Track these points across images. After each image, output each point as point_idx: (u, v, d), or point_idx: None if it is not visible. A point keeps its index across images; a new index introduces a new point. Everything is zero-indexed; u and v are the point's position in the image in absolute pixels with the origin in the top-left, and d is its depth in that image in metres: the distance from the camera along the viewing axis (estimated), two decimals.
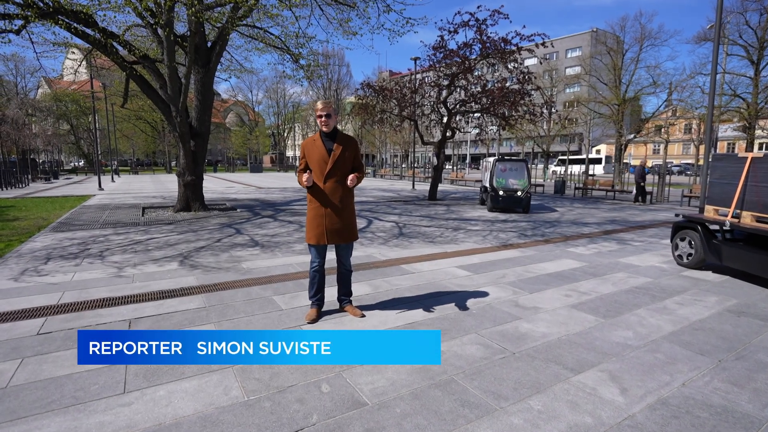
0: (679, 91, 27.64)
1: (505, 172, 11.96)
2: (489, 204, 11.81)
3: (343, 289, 3.91)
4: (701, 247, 5.62)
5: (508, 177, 11.91)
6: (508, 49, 13.28)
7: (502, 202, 11.50)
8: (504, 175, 11.95)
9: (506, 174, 11.97)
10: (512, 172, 12.00)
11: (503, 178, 11.88)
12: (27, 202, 14.15)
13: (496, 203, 11.58)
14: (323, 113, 3.52)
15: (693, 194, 14.69)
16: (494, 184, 11.66)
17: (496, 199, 11.54)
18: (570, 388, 2.68)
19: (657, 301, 4.41)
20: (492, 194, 11.60)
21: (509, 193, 11.38)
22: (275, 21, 10.84)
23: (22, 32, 10.22)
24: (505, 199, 11.44)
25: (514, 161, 12.61)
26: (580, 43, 58.62)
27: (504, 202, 11.49)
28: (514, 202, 11.47)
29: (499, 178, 11.83)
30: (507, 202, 11.48)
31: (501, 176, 11.90)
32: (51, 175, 30.93)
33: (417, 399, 2.53)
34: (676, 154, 56.11)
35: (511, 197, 11.39)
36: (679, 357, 3.13)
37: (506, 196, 11.40)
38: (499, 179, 11.80)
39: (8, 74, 45.15)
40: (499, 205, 11.57)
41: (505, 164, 12.27)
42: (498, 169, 11.95)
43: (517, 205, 11.48)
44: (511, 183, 11.79)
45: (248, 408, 2.41)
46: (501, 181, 11.81)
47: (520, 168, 12.20)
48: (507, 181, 11.87)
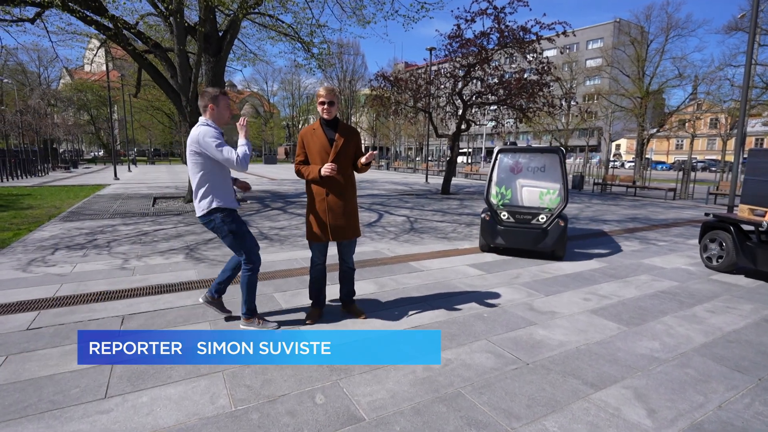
0: (707, 83, 26.49)
1: (517, 175, 6.25)
2: (482, 239, 6.10)
3: (346, 288, 3.69)
4: (733, 249, 5.22)
5: (521, 184, 6.22)
6: (528, 39, 12.77)
7: (506, 236, 5.80)
8: (513, 181, 6.23)
9: (519, 178, 6.24)
10: (531, 173, 6.21)
11: (510, 186, 6.21)
12: (43, 190, 14.33)
13: (492, 237, 5.90)
14: (326, 100, 3.28)
15: (720, 191, 14.03)
16: (491, 198, 6.18)
17: (493, 229, 5.87)
18: (590, 407, 2.41)
19: (685, 307, 4.08)
20: (486, 219, 5.95)
21: (521, 218, 5.80)
22: (287, 8, 10.59)
23: (37, 21, 10.26)
24: (512, 233, 5.78)
25: (534, 152, 6.40)
26: (601, 34, 56.86)
27: (510, 237, 5.79)
28: (529, 239, 5.72)
29: (503, 187, 6.20)
30: (516, 239, 5.78)
31: (507, 182, 6.24)
32: (71, 164, 31.54)
33: (419, 415, 2.29)
34: (700, 149, 54.24)
35: (526, 228, 5.76)
36: (714, 373, 2.82)
37: (515, 225, 5.81)
38: (501, 189, 6.20)
39: (30, 64, 46.07)
40: (498, 241, 5.86)
41: (517, 159, 6.28)
42: (502, 167, 6.32)
43: (536, 242, 5.69)
44: (525, 197, 6.15)
45: (234, 420, 2.21)
46: (505, 193, 6.19)
47: (549, 166, 6.10)
48: (518, 192, 6.19)
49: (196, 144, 2.98)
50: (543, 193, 6.00)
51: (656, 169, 45.69)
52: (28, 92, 38.60)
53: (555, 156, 6.02)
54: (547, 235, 5.62)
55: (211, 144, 2.95)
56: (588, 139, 39.59)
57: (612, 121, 34.02)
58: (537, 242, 5.65)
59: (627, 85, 29.60)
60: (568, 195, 5.79)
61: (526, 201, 6.11)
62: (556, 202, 5.85)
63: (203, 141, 2.95)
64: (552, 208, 5.82)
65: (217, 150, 2.96)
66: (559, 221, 5.61)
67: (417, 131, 42.30)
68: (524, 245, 5.73)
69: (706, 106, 31.81)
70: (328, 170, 3.18)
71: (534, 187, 6.10)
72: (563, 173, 5.88)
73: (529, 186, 6.13)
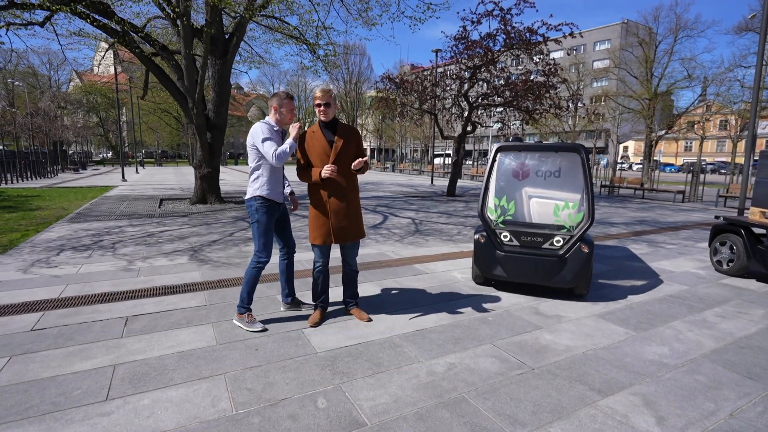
0: (716, 84, 26.18)
1: (522, 182, 4.48)
2: (475, 268, 4.63)
3: (349, 290, 3.66)
4: (744, 252, 5.12)
5: (529, 195, 4.45)
6: (534, 40, 12.71)
7: (508, 266, 4.30)
8: (518, 190, 4.48)
9: (526, 186, 4.46)
10: (542, 179, 4.40)
11: (513, 197, 4.46)
12: (52, 191, 14.48)
13: (488, 267, 4.41)
14: (322, 102, 3.26)
15: (730, 194, 13.83)
16: (487, 213, 4.51)
17: (490, 256, 4.39)
18: (597, 413, 2.36)
19: (695, 312, 4.00)
20: (481, 242, 4.45)
21: (529, 240, 4.30)
22: (292, 10, 10.62)
23: (47, 25, 10.39)
24: (516, 261, 4.28)
25: (546, 151, 4.42)
26: (609, 35, 56.53)
27: (514, 267, 4.29)
28: (540, 270, 4.20)
29: (504, 198, 4.48)
30: (522, 270, 4.26)
31: (510, 191, 4.48)
32: (79, 166, 31.86)
33: (422, 420, 2.26)
34: (709, 151, 53.65)
35: (535, 256, 4.22)
36: (725, 380, 2.75)
37: (520, 251, 4.28)
38: (502, 201, 4.48)
39: (41, 67, 46.71)
40: (497, 272, 4.37)
41: (522, 160, 4.50)
42: (503, 170, 4.55)
43: (549, 275, 4.18)
44: (535, 211, 4.40)
45: (235, 424, 2.19)
46: (507, 206, 4.46)
47: (566, 168, 4.34)
48: (524, 205, 4.45)
49: (251, 137, 3.28)
50: (559, 206, 4.22)
51: (665, 171, 45.24)
52: (39, 95, 39.12)
53: (574, 156, 4.24)
54: (565, 265, 4.07)
55: (259, 136, 3.22)
56: (595, 141, 39.29)
57: (620, 123, 33.76)
58: (551, 275, 4.13)
59: (635, 86, 29.37)
60: (594, 210, 4.14)
61: (535, 217, 4.33)
62: (577, 220, 4.14)
63: (255, 133, 3.25)
64: (571, 226, 4.16)
65: (261, 143, 3.22)
66: (582, 246, 4.05)
67: (423, 133, 42.26)
68: (533, 278, 4.20)
69: (716, 107, 31.45)
70: (328, 172, 3.17)
71: (546, 198, 4.30)
72: (586, 179, 4.15)
73: (540, 197, 4.33)
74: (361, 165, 3.24)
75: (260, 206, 3.30)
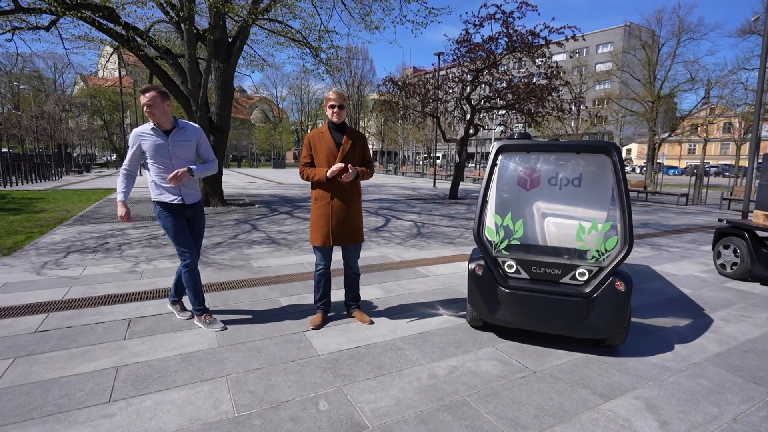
0: (720, 87, 26.12)
1: (531, 193, 3.21)
2: (471, 309, 3.44)
3: (351, 293, 3.67)
4: (748, 256, 5.10)
5: (541, 211, 3.18)
6: (536, 44, 12.73)
7: (515, 307, 3.11)
8: (527, 204, 3.21)
9: (537, 200, 3.19)
10: (558, 190, 3.15)
11: (521, 213, 3.19)
12: (56, 194, 14.57)
13: (489, 308, 3.23)
14: (336, 103, 3.28)
15: (734, 197, 13.77)
16: (485, 234, 3.24)
17: (490, 293, 3.19)
18: (599, 417, 2.35)
19: (698, 316, 3.98)
20: (478, 273, 3.23)
21: (543, 272, 3.10)
22: (295, 14, 10.69)
23: (52, 29, 10.48)
24: (526, 301, 3.06)
25: (563, 151, 3.16)
26: (612, 38, 56.54)
27: (523, 309, 3.09)
28: (559, 313, 3.01)
29: (509, 216, 3.19)
30: (535, 313, 3.06)
31: (516, 206, 3.22)
32: (83, 168, 32.05)
33: (423, 424, 2.25)
34: (713, 154, 53.47)
35: (551, 294, 3.01)
36: (728, 384, 2.73)
37: (532, 287, 3.06)
38: (506, 219, 3.20)
39: (47, 70, 47.10)
40: (501, 316, 3.20)
41: (531, 164, 3.22)
42: (506, 178, 3.27)
43: (572, 320, 2.99)
44: (550, 233, 3.15)
45: (236, 426, 2.20)
46: (513, 226, 3.18)
47: (591, 175, 3.10)
48: (535, 224, 3.18)
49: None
50: (584, 228, 3.03)
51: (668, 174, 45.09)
52: (44, 98, 39.46)
53: (603, 158, 3.05)
54: (594, 307, 2.94)
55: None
56: None
57: (623, 126, 33.69)
58: (574, 322, 2.99)
59: (638, 89, 29.33)
60: (632, 233, 2.93)
61: (551, 240, 3.14)
62: (611, 245, 2.96)
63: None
64: (600, 253, 2.98)
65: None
66: (617, 282, 2.90)
67: (425, 136, 42.31)
68: (549, 326, 3.06)
69: (719, 110, 31.36)
70: (336, 171, 3.19)
71: (565, 216, 3.12)
72: (621, 190, 2.94)
73: (558, 215, 3.14)
74: (354, 174, 3.24)
75: (160, 212, 3.24)
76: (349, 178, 3.24)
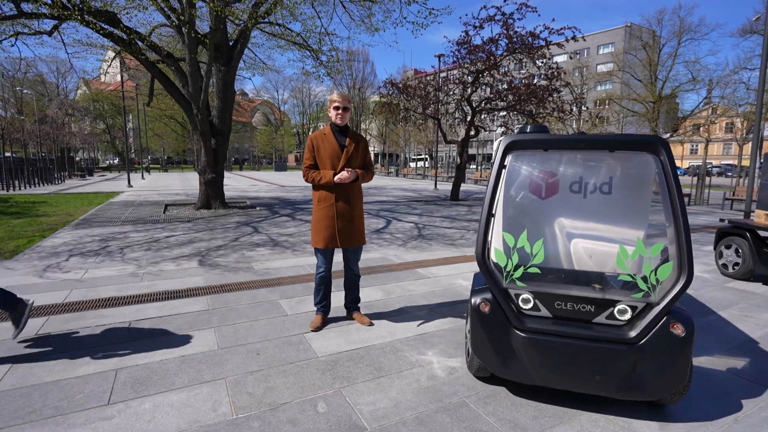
0: (721, 87, 26.09)
1: (547, 203, 2.43)
2: (475, 357, 2.57)
3: (351, 295, 3.67)
4: (750, 256, 5.07)
5: (564, 229, 2.41)
6: (537, 45, 12.74)
7: (535, 357, 2.32)
8: (547, 221, 2.43)
9: (559, 214, 2.42)
10: (584, 200, 2.40)
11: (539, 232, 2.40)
12: (59, 198, 14.63)
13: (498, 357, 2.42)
14: (340, 105, 3.29)
15: (736, 197, 13.72)
16: (493, 258, 2.41)
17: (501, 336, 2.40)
18: (599, 418, 2.34)
19: (700, 316, 3.96)
20: (485, 311, 2.42)
21: (570, 309, 2.33)
22: (295, 17, 10.73)
23: (54, 33, 10.55)
24: (549, 349, 2.28)
25: (591, 147, 2.36)
26: (612, 39, 56.53)
27: (546, 360, 2.30)
28: (592, 366, 2.23)
29: (524, 235, 2.36)
30: (562, 365, 2.27)
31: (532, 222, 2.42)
32: (86, 172, 32.18)
33: (422, 425, 2.25)
34: (715, 154, 53.35)
35: (582, 339, 2.25)
36: (730, 385, 2.72)
37: (556, 329, 2.29)
38: (520, 239, 2.36)
39: (50, 75, 47.38)
40: (514, 371, 2.41)
41: (549, 166, 2.45)
42: (518, 184, 2.47)
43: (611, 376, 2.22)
44: (577, 256, 2.37)
45: (234, 428, 2.20)
46: (530, 248, 2.35)
47: (629, 180, 2.36)
48: (558, 244, 2.40)
49: None
50: (626, 252, 2.27)
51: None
52: (47, 102, 39.71)
53: (646, 158, 2.34)
54: (641, 358, 2.21)
55: None
56: None
57: (624, 126, 33.66)
58: (616, 376, 2.24)
59: (639, 89, 29.31)
60: (691, 258, 2.13)
61: (578, 264, 2.40)
62: (664, 274, 2.18)
63: None
64: (649, 284, 2.21)
65: None
66: (673, 324, 2.17)
67: (426, 138, 42.35)
68: (581, 384, 2.32)
69: (721, 110, 31.31)
70: (344, 179, 3.22)
71: (596, 237, 2.39)
72: (675, 201, 2.21)
73: (586, 233, 2.41)
74: (352, 177, 3.27)
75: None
76: (349, 179, 3.26)
